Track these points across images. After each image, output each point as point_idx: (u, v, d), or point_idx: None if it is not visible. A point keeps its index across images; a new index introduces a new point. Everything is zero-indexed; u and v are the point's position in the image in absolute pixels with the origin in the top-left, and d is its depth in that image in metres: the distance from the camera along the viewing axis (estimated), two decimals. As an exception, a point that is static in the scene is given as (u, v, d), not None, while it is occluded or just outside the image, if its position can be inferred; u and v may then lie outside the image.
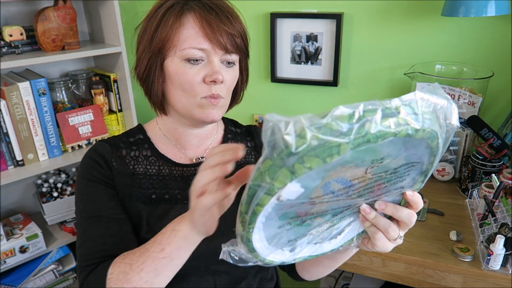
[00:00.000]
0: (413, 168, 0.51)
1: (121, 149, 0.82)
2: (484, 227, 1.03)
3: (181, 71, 0.73)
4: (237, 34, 0.74)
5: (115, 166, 0.79)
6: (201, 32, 0.71)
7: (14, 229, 1.53)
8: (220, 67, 0.74)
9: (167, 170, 0.82)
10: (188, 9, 0.72)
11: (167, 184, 0.81)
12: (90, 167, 0.79)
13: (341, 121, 0.39)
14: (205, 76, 0.73)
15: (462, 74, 1.37)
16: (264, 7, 1.58)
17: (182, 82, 0.73)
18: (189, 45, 0.71)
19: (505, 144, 1.20)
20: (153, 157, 0.83)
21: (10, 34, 1.39)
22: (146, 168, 0.82)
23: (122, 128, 1.72)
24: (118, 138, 0.84)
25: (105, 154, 0.80)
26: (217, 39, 0.71)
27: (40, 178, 1.65)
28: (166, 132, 0.85)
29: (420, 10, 1.37)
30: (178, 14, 0.72)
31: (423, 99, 0.44)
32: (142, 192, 0.79)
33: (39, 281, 1.58)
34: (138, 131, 0.86)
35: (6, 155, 1.40)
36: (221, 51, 0.73)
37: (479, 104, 1.27)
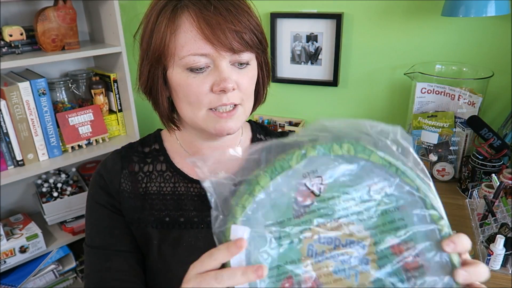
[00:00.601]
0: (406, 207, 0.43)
1: (133, 163, 0.75)
2: (484, 227, 1.03)
3: (184, 82, 0.63)
4: (244, 29, 0.62)
5: (125, 188, 0.73)
6: (199, 34, 0.60)
7: (14, 229, 1.53)
8: (231, 71, 0.63)
9: (183, 188, 0.74)
10: (182, 8, 0.61)
11: (182, 205, 0.73)
12: (99, 186, 0.75)
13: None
14: (213, 85, 0.63)
15: (462, 74, 1.37)
16: (264, 7, 1.58)
17: (187, 94, 0.64)
18: (188, 51, 0.61)
19: (505, 144, 1.20)
20: (168, 172, 0.75)
21: (10, 34, 1.39)
22: (159, 186, 0.74)
23: (122, 128, 1.72)
24: (133, 148, 0.78)
25: (114, 172, 0.74)
26: (219, 39, 0.60)
27: (40, 178, 1.65)
28: (183, 143, 0.77)
29: (420, 10, 1.37)
30: (171, 16, 0.62)
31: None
32: (154, 215, 0.73)
33: (39, 281, 1.58)
34: (155, 140, 0.79)
35: (6, 155, 1.40)
36: (228, 53, 0.62)
37: (479, 104, 1.27)
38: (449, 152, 1.34)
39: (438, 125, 1.31)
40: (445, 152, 1.34)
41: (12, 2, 1.48)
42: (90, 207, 0.76)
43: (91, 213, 0.76)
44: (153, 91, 0.69)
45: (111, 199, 0.74)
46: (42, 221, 1.58)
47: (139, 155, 0.77)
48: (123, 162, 0.75)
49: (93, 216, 0.75)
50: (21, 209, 1.69)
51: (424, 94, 1.35)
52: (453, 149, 1.33)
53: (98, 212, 0.74)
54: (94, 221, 0.75)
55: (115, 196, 0.73)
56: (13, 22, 1.50)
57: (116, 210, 0.74)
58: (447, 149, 1.34)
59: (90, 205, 0.76)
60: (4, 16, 1.48)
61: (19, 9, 1.51)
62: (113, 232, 0.74)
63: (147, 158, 0.76)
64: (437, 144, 1.34)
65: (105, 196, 0.74)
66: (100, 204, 0.74)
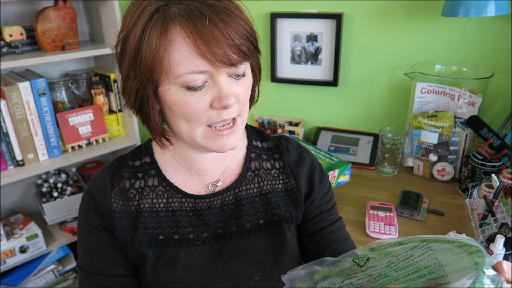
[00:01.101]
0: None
1: (124, 180, 0.71)
2: (484, 227, 1.03)
3: (182, 101, 0.59)
4: (241, 39, 0.58)
5: (116, 207, 0.70)
6: (195, 51, 0.55)
7: (14, 229, 1.53)
8: (229, 84, 0.60)
9: (176, 203, 0.71)
10: (173, 19, 0.55)
11: (177, 221, 0.70)
12: (90, 208, 0.71)
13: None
14: (212, 101, 0.59)
15: (462, 74, 1.37)
16: (264, 7, 1.58)
17: (184, 112, 0.60)
18: (184, 70, 0.56)
19: (505, 144, 1.20)
20: (160, 187, 0.71)
21: (10, 34, 1.39)
22: (152, 202, 0.71)
23: (122, 128, 1.72)
24: (123, 162, 0.74)
25: (104, 191, 0.70)
26: (217, 55, 0.56)
27: (40, 178, 1.65)
28: (176, 156, 0.73)
29: (420, 10, 1.37)
30: (162, 31, 0.55)
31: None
32: (148, 234, 0.70)
33: (39, 281, 1.58)
34: (146, 152, 0.75)
35: (6, 155, 1.40)
36: (226, 67, 0.58)
37: (479, 104, 1.27)
38: (449, 152, 1.34)
39: (438, 125, 1.31)
40: (445, 152, 1.34)
41: (12, 2, 1.48)
42: (82, 229, 0.73)
43: (83, 236, 0.73)
44: (143, 109, 0.63)
45: (103, 220, 0.71)
46: (42, 221, 1.58)
47: (130, 169, 0.73)
48: (113, 179, 0.71)
49: (86, 239, 0.72)
50: (21, 209, 1.69)
51: (424, 94, 1.35)
52: (453, 149, 1.33)
53: (91, 235, 0.72)
54: (87, 244, 0.72)
55: (107, 217, 0.70)
56: (13, 22, 1.50)
57: (109, 232, 0.71)
58: (447, 149, 1.34)
59: (82, 227, 0.73)
60: (4, 16, 1.48)
61: (19, 9, 1.51)
62: (107, 256, 0.71)
63: (138, 173, 0.72)
64: (437, 144, 1.34)
65: (97, 217, 0.71)
66: (92, 225, 0.71)
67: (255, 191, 0.74)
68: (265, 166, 0.76)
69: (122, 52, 0.62)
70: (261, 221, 0.73)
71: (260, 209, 0.73)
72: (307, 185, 0.77)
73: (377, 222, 1.12)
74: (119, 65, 0.64)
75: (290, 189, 0.75)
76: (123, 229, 0.70)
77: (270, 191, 0.74)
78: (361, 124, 1.63)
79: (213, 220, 0.72)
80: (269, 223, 0.73)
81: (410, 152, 1.43)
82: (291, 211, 0.75)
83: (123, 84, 0.63)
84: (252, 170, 0.75)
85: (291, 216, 0.74)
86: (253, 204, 0.73)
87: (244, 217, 0.72)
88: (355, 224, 1.15)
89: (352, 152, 1.54)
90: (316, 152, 1.32)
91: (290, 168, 0.76)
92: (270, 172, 0.76)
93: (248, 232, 0.72)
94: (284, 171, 0.76)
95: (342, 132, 1.63)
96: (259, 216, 0.73)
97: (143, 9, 0.58)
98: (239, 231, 0.72)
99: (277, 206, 0.74)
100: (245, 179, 0.74)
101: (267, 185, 0.74)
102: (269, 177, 0.75)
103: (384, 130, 1.42)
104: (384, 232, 1.09)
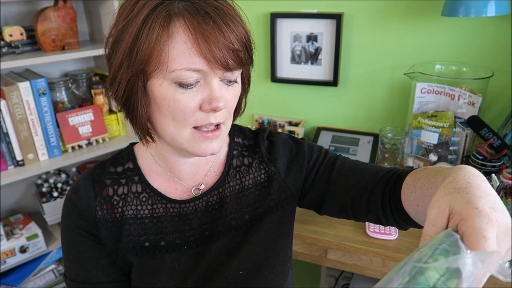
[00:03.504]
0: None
1: (106, 187, 0.70)
2: (484, 227, 1.02)
3: (171, 97, 0.58)
4: (240, 45, 0.58)
5: (101, 216, 0.68)
6: (194, 48, 0.55)
7: (14, 229, 1.53)
8: (220, 89, 0.59)
9: (161, 209, 0.70)
10: (177, 14, 0.55)
11: (162, 227, 0.69)
12: (74, 215, 0.69)
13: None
14: (202, 102, 0.59)
15: (462, 74, 1.37)
16: (264, 7, 1.58)
17: (172, 110, 0.59)
18: (180, 65, 0.56)
19: (505, 144, 1.20)
20: (144, 193, 0.70)
21: (10, 34, 1.39)
22: (136, 209, 0.69)
23: (122, 128, 1.72)
24: (104, 169, 0.72)
25: (88, 200, 0.69)
26: (215, 56, 0.55)
27: (40, 178, 1.65)
28: (158, 158, 0.72)
29: (420, 10, 1.37)
30: (165, 22, 0.55)
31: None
32: (133, 241, 0.68)
33: (39, 281, 1.58)
34: (128, 157, 0.73)
35: (6, 155, 1.40)
36: (222, 70, 0.58)
37: (479, 104, 1.27)
38: (449, 152, 1.34)
39: (438, 125, 1.31)
40: (445, 152, 1.34)
41: (12, 2, 1.48)
42: (68, 238, 0.70)
43: (69, 245, 0.70)
44: (130, 101, 0.62)
45: (90, 228, 0.69)
46: (42, 221, 1.58)
47: (112, 176, 0.71)
48: (95, 188, 0.69)
49: (73, 248, 0.70)
50: (21, 209, 1.69)
51: (424, 94, 1.35)
52: (453, 149, 1.33)
53: (78, 243, 0.69)
54: (75, 253, 0.70)
55: (93, 225, 0.69)
56: (13, 22, 1.50)
57: (97, 239, 0.69)
58: (447, 149, 1.34)
59: (68, 236, 0.70)
60: (4, 16, 1.48)
61: (19, 9, 1.52)
62: (99, 263, 0.70)
63: (121, 179, 0.71)
64: (437, 144, 1.34)
65: (82, 224, 0.69)
66: (79, 234, 0.69)
67: (238, 187, 0.74)
68: (246, 162, 0.76)
69: (116, 41, 0.60)
70: (246, 216, 0.73)
71: (244, 205, 0.73)
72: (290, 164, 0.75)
73: (377, 222, 1.12)
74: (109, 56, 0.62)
75: (271, 176, 0.74)
76: (108, 237, 0.69)
77: (252, 185, 0.74)
78: (361, 124, 1.63)
79: (198, 223, 0.71)
80: (254, 217, 0.73)
81: (410, 152, 1.43)
82: (274, 199, 0.74)
83: (113, 73, 0.61)
84: (234, 167, 0.75)
85: (275, 204, 0.74)
86: (237, 201, 0.73)
87: (229, 215, 0.72)
88: (355, 224, 1.15)
89: (352, 152, 1.54)
90: (316, 152, 1.32)
91: (266, 156, 0.75)
92: (251, 166, 0.75)
93: (235, 229, 0.72)
94: (263, 161, 0.75)
95: (342, 132, 1.63)
96: (244, 211, 0.73)
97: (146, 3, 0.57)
98: (225, 230, 0.72)
99: (260, 199, 0.73)
100: (227, 177, 0.74)
101: (249, 180, 0.74)
102: (251, 170, 0.75)
103: (384, 130, 1.42)
104: (384, 232, 1.09)
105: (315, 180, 0.75)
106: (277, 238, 0.74)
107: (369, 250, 1.06)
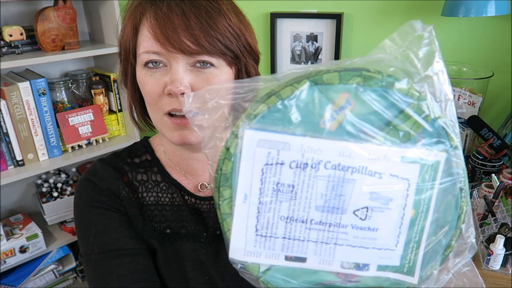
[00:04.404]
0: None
1: (126, 173, 0.69)
2: (484, 227, 1.03)
3: (142, 81, 0.61)
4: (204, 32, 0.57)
5: (124, 194, 0.67)
6: (151, 32, 0.58)
7: (14, 229, 1.53)
8: (185, 73, 0.58)
9: (180, 199, 0.70)
10: (143, 6, 0.60)
11: (183, 216, 0.69)
12: (94, 192, 0.67)
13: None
14: (166, 86, 0.59)
15: (462, 74, 1.37)
16: (264, 7, 1.58)
17: (145, 94, 0.62)
18: (143, 48, 0.59)
19: (505, 144, 1.20)
20: (164, 183, 0.70)
21: (10, 34, 1.39)
22: (157, 196, 0.69)
23: (122, 128, 1.72)
24: (120, 159, 0.71)
25: (108, 179, 0.67)
26: (168, 39, 0.56)
27: (40, 178, 1.65)
28: (169, 155, 0.73)
29: (420, 10, 1.37)
30: (134, 16, 0.61)
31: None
32: (155, 227, 0.68)
33: (39, 281, 1.58)
34: (144, 150, 0.74)
35: (6, 155, 1.40)
36: (179, 54, 0.57)
37: (479, 104, 1.27)
38: (449, 152, 1.34)
39: (438, 125, 1.31)
40: (445, 152, 1.34)
41: (12, 2, 1.48)
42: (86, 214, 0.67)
43: (89, 221, 0.66)
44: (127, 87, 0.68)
45: (113, 202, 0.67)
46: (42, 221, 1.58)
47: (130, 166, 0.71)
48: (115, 171, 0.69)
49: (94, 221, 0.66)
50: (21, 209, 1.69)
51: (424, 94, 1.35)
52: (453, 149, 1.33)
53: (103, 216, 0.66)
54: (97, 226, 0.65)
55: (117, 201, 0.67)
56: (13, 22, 1.50)
57: (122, 212, 0.67)
58: (447, 149, 1.34)
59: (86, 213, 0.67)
60: (4, 16, 1.48)
61: (19, 9, 1.51)
62: (128, 232, 0.66)
63: (140, 168, 0.71)
64: (437, 144, 1.33)
65: (105, 200, 0.66)
66: (102, 207, 0.66)
67: None
68: None
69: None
70: None
71: None
72: None
73: (377, 222, 1.12)
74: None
75: None
76: (134, 215, 0.67)
77: None
78: (361, 124, 1.63)
79: (211, 222, 0.71)
80: None
81: (410, 152, 1.43)
82: None
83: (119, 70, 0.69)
84: None
85: None
86: None
87: None
88: (355, 224, 1.15)
89: (352, 152, 1.54)
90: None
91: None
92: None
93: None
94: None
95: (342, 132, 1.63)
96: None
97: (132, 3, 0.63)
98: None
99: None
100: None
101: None
102: None
103: (384, 130, 1.42)
104: (384, 232, 1.09)
105: None
106: None
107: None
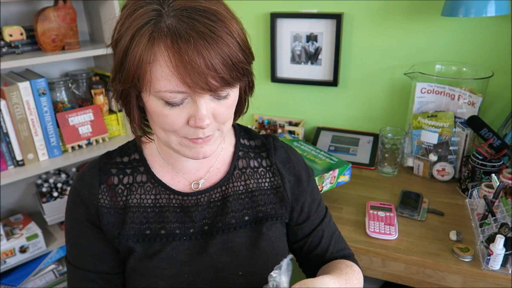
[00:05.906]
0: None
1: (111, 176, 0.73)
2: (484, 227, 1.03)
3: (159, 112, 0.60)
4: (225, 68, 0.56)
5: (103, 203, 0.71)
6: (175, 73, 0.55)
7: (14, 229, 1.53)
8: (208, 105, 0.60)
9: (164, 200, 0.73)
10: (159, 37, 0.55)
11: (164, 217, 0.72)
12: (77, 202, 0.73)
13: None
14: (189, 118, 0.60)
15: (462, 74, 1.37)
16: (264, 7, 1.58)
17: (162, 123, 0.62)
18: (164, 87, 0.57)
19: (505, 144, 1.20)
20: (149, 183, 0.73)
21: (10, 34, 1.39)
22: (140, 198, 0.72)
23: (122, 128, 1.72)
24: (111, 158, 0.75)
25: (92, 187, 0.72)
26: (196, 81, 0.55)
27: (40, 178, 1.65)
28: (162, 153, 0.75)
29: (420, 10, 1.37)
30: (148, 45, 0.55)
31: None
32: (135, 228, 0.71)
33: (39, 281, 1.58)
34: (134, 149, 0.76)
35: (6, 155, 1.40)
36: (205, 92, 0.58)
37: (479, 104, 1.27)
38: (449, 152, 1.34)
39: (438, 125, 1.31)
40: (445, 152, 1.34)
41: (12, 2, 1.48)
42: (69, 223, 0.75)
43: (70, 230, 0.75)
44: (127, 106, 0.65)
45: (90, 216, 0.72)
46: (42, 221, 1.58)
47: (118, 166, 0.74)
48: (101, 175, 0.72)
49: (73, 234, 0.74)
50: (21, 209, 1.69)
51: (424, 94, 1.35)
52: (453, 149, 1.33)
53: (78, 230, 0.73)
54: (75, 238, 0.74)
55: (94, 213, 0.72)
56: (13, 22, 1.50)
57: (96, 228, 0.72)
58: (447, 149, 1.34)
59: (69, 222, 0.75)
60: (4, 16, 1.48)
61: (19, 9, 1.52)
62: (94, 252, 0.73)
63: (127, 169, 0.74)
64: (437, 144, 1.34)
65: (84, 213, 0.72)
66: (79, 221, 0.73)
67: (241, 188, 0.76)
68: (252, 164, 0.78)
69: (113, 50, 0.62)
70: (246, 218, 0.75)
71: (246, 206, 0.75)
72: (294, 186, 0.79)
73: (377, 222, 1.12)
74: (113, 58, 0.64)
75: (276, 188, 0.77)
76: (110, 224, 0.71)
77: (256, 189, 0.76)
78: (361, 124, 1.63)
79: (199, 217, 0.73)
80: (254, 219, 0.75)
81: (410, 152, 1.43)
82: (276, 208, 0.77)
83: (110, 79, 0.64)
84: (239, 168, 0.77)
85: (276, 213, 0.77)
86: (239, 201, 0.75)
87: (230, 213, 0.74)
88: (355, 224, 1.15)
89: (352, 152, 1.54)
90: (316, 152, 1.32)
91: (277, 167, 0.78)
92: (257, 170, 0.78)
93: (234, 228, 0.74)
94: (271, 170, 0.78)
95: (342, 132, 1.63)
96: (245, 213, 0.75)
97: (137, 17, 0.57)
98: (224, 227, 0.73)
99: (263, 204, 0.76)
100: (232, 177, 0.76)
101: (253, 183, 0.77)
102: (256, 175, 0.77)
103: (384, 130, 1.42)
104: (384, 232, 1.09)
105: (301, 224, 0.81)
106: (275, 243, 0.76)
107: (369, 250, 1.06)
